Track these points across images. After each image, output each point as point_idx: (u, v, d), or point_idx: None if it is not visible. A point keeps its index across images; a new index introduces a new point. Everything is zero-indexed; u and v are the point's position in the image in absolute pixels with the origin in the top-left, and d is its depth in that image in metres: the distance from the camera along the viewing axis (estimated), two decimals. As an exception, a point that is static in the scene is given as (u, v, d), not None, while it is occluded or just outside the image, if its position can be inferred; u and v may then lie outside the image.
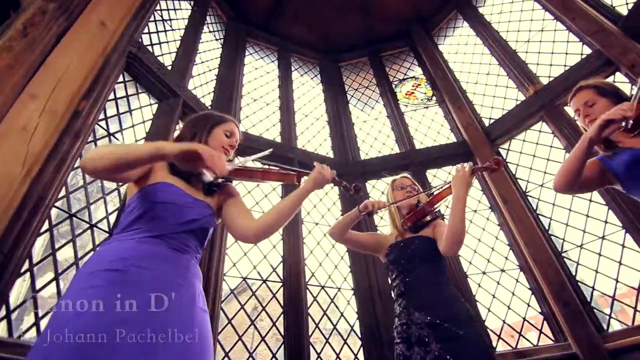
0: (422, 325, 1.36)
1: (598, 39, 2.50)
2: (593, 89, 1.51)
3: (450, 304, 1.41)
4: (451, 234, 1.43)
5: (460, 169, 1.52)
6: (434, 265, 1.52)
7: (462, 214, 1.44)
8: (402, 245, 1.60)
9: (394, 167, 3.25)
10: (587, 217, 2.38)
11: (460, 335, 1.29)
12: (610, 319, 2.15)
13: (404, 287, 1.50)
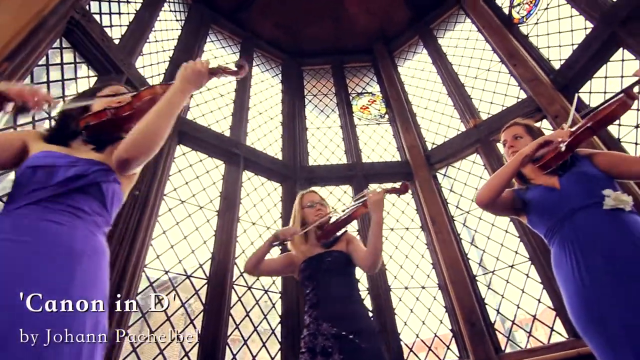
0: (328, 336, 1.41)
1: (532, 87, 2.76)
2: (524, 126, 1.70)
3: (358, 318, 1.47)
4: (373, 256, 1.52)
5: (374, 192, 1.59)
6: (347, 279, 1.60)
7: (380, 237, 1.53)
8: (316, 260, 1.65)
9: (339, 176, 3.32)
10: (502, 246, 2.61)
11: (362, 349, 1.36)
12: (508, 341, 2.36)
13: (317, 299, 1.55)
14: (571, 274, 1.36)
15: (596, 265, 1.29)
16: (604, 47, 2.41)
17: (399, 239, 2.97)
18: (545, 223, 1.50)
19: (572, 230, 1.39)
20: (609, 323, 1.22)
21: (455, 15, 3.99)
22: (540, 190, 1.53)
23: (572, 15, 2.72)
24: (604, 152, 1.52)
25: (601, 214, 1.35)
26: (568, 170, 1.51)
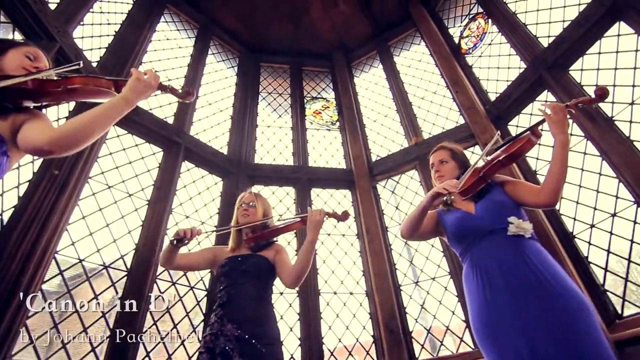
0: (231, 338, 1.40)
1: (469, 114, 2.97)
2: (449, 151, 1.82)
3: (264, 322, 1.48)
4: (298, 273, 1.54)
5: (315, 213, 1.62)
6: (263, 284, 1.60)
7: (311, 256, 1.55)
8: (238, 260, 1.64)
9: (283, 177, 3.32)
10: (427, 259, 2.77)
11: (262, 353, 1.37)
12: (422, 349, 2.51)
13: (227, 298, 1.53)
14: (476, 291, 1.49)
15: (498, 287, 1.41)
16: (532, 87, 2.66)
17: (335, 245, 3.03)
18: (460, 244, 1.63)
19: (480, 252, 1.52)
20: (501, 340, 1.35)
21: (412, 37, 4.19)
22: (458, 215, 1.66)
23: (510, 55, 2.98)
24: (515, 182, 1.67)
25: (505, 239, 1.49)
26: (483, 197, 1.66)
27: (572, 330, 1.23)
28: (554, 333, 1.23)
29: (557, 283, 1.34)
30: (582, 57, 2.44)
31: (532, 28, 2.83)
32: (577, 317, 1.26)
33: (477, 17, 3.46)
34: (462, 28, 3.63)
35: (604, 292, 2.09)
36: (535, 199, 1.56)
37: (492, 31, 3.22)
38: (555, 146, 1.47)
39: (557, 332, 1.23)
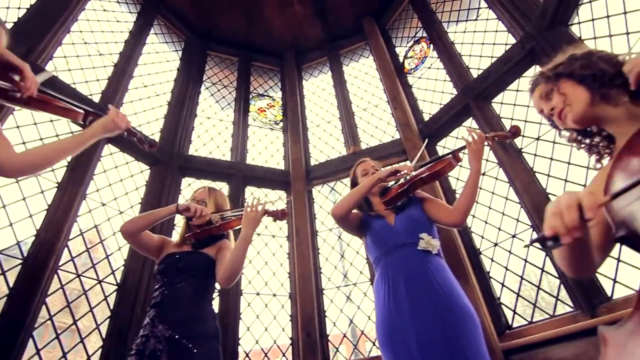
0: (161, 339, 1.33)
1: (403, 131, 3.14)
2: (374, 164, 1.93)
3: (199, 322, 1.43)
4: (229, 271, 1.48)
5: (252, 208, 1.59)
6: (202, 283, 1.54)
7: (244, 252, 1.51)
8: (176, 257, 1.57)
9: (218, 172, 3.22)
10: (351, 264, 2.86)
11: (193, 354, 1.32)
12: (337, 352, 2.58)
13: (161, 298, 1.46)
14: (382, 299, 1.57)
15: (401, 296, 1.51)
16: (460, 113, 2.89)
17: (264, 245, 3.00)
18: (376, 251, 1.72)
19: (391, 262, 1.61)
20: (398, 346, 1.44)
21: (362, 49, 4.32)
22: (380, 223, 1.75)
23: (445, 80, 3.21)
24: (432, 200, 1.80)
25: (415, 252, 1.60)
26: (403, 210, 1.77)
27: (460, 340, 1.36)
28: (444, 342, 1.34)
29: (453, 298, 1.47)
30: (503, 92, 2.71)
31: (466, 59, 3.08)
32: (465, 330, 1.39)
33: (421, 40, 3.68)
34: (407, 48, 3.83)
35: (499, 305, 2.32)
36: (446, 218, 1.69)
37: (433, 56, 3.44)
38: (470, 172, 1.61)
39: (447, 341, 1.35)
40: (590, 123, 0.90)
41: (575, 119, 0.88)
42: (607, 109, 0.84)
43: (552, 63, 0.98)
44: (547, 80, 0.95)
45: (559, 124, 0.94)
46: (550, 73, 0.95)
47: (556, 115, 0.92)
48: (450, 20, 3.39)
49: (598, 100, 0.85)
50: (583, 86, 0.87)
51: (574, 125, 0.90)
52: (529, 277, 2.32)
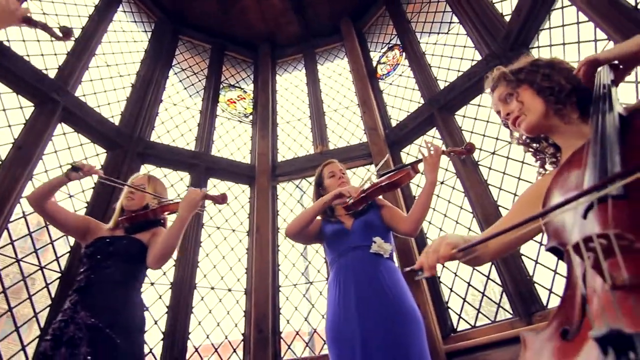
0: (82, 326, 1.27)
1: (370, 135, 3.20)
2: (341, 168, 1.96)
3: (124, 310, 1.37)
4: (160, 253, 1.44)
5: (193, 191, 1.56)
6: (132, 269, 1.48)
7: (178, 233, 1.47)
8: (107, 241, 1.50)
9: (180, 161, 3.12)
10: (310, 263, 2.88)
11: (116, 344, 1.27)
12: (288, 349, 2.59)
13: (85, 282, 1.39)
14: (333, 299, 1.61)
15: (350, 297, 1.55)
16: (425, 122, 2.99)
17: (222, 239, 2.95)
18: (332, 254, 1.76)
19: (344, 264, 1.65)
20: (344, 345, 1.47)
21: (338, 50, 4.35)
22: (337, 227, 1.80)
23: (414, 89, 3.30)
24: (390, 208, 1.86)
25: (367, 255, 1.65)
26: (362, 215, 1.82)
27: (403, 343, 1.41)
28: (387, 345, 1.39)
29: (401, 301, 1.52)
30: (466, 106, 2.82)
31: (435, 70, 3.18)
32: (410, 332, 1.45)
33: (395, 47, 3.76)
34: (381, 54, 3.90)
35: (446, 309, 2.43)
36: (399, 226, 1.76)
37: (404, 64, 3.52)
38: (425, 183, 1.67)
39: (391, 342, 1.40)
40: (541, 132, 0.94)
41: (527, 129, 0.92)
42: (558, 122, 0.89)
43: (516, 64, 1.00)
44: (508, 84, 0.97)
45: (512, 129, 0.99)
46: (512, 77, 0.97)
47: (511, 120, 0.95)
48: (423, 31, 3.49)
49: (552, 114, 0.88)
50: (540, 98, 0.90)
51: (525, 134, 0.95)
52: (475, 283, 2.44)
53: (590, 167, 0.58)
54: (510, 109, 0.95)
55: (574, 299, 0.49)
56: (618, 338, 0.29)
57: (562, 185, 0.68)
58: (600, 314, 0.39)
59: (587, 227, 0.50)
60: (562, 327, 0.48)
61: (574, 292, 0.51)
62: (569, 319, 0.48)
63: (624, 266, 0.38)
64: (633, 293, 0.37)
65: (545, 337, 0.50)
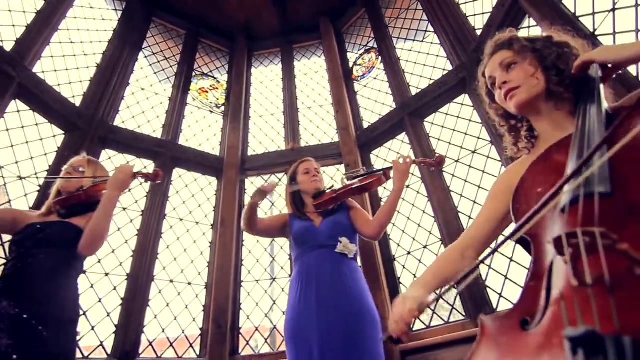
0: (4, 317, 1.18)
1: (342, 135, 3.22)
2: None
3: (54, 301, 1.27)
4: (90, 237, 1.36)
5: (122, 169, 1.48)
6: (66, 257, 1.36)
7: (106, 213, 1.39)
8: (37, 228, 1.39)
9: (144, 148, 3.01)
10: (274, 259, 2.87)
11: (42, 337, 1.18)
12: (247, 345, 2.57)
13: (12, 270, 1.28)
14: (294, 296, 1.62)
15: (311, 294, 1.56)
16: (395, 126, 3.05)
17: (185, 231, 2.88)
18: (297, 250, 1.77)
19: (308, 261, 1.66)
20: (301, 341, 1.48)
21: (315, 48, 4.34)
22: (305, 224, 1.81)
23: (387, 93, 3.36)
24: (358, 210, 1.90)
25: (332, 254, 1.67)
26: (332, 215, 1.84)
27: (360, 341, 1.44)
28: (344, 342, 1.42)
29: (361, 301, 1.55)
30: (435, 113, 2.91)
31: (408, 76, 3.25)
32: (366, 332, 1.48)
33: (372, 50, 3.80)
34: (357, 56, 3.94)
35: (404, 309, 2.49)
36: (364, 229, 1.79)
37: (379, 68, 3.57)
38: (392, 190, 1.71)
39: (347, 341, 1.42)
40: (528, 112, 0.87)
41: (519, 104, 0.84)
42: (549, 107, 0.83)
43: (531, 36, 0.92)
44: (518, 50, 0.87)
45: (498, 99, 0.90)
46: (526, 43, 0.87)
47: (504, 90, 0.85)
48: (400, 36, 3.55)
49: (547, 96, 0.82)
50: (545, 76, 0.82)
51: (513, 110, 0.86)
52: (433, 285, 2.53)
53: (572, 162, 0.57)
54: (510, 78, 0.85)
55: (538, 291, 0.49)
56: (591, 339, 0.28)
57: (542, 176, 0.66)
58: (575, 312, 0.37)
59: (569, 221, 0.49)
60: (522, 317, 0.47)
61: (538, 284, 0.50)
62: (530, 309, 0.48)
63: (606, 265, 0.37)
64: (611, 293, 0.36)
65: (504, 325, 0.49)
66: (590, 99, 0.69)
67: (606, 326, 0.33)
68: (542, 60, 0.83)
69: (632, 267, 0.36)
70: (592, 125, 0.61)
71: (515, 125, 0.94)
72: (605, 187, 0.48)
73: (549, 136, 0.82)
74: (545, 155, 0.68)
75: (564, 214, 0.51)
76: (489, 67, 0.93)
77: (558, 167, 0.61)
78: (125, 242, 2.55)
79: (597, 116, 0.63)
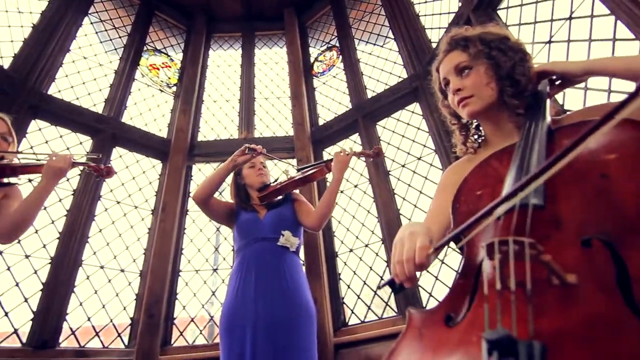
0: None
1: (296, 130, 3.22)
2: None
3: None
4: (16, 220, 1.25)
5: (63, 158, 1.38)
6: None
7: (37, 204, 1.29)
8: None
9: (82, 123, 2.77)
10: (216, 250, 2.81)
11: None
12: (180, 336, 2.50)
13: None
14: (233, 286, 1.61)
15: (249, 285, 1.56)
16: (349, 126, 3.12)
17: (122, 215, 2.71)
18: (239, 242, 1.75)
19: (249, 253, 1.66)
20: (235, 332, 1.48)
21: (278, 38, 4.27)
22: (249, 216, 1.80)
23: (345, 92, 3.41)
24: (302, 202, 1.92)
25: (274, 247, 1.68)
26: (276, 207, 1.85)
27: (292, 334, 1.47)
28: (277, 334, 1.43)
29: (298, 295, 1.58)
30: (388, 118, 3.01)
31: (365, 78, 3.33)
32: (300, 324, 1.51)
33: (333, 48, 3.83)
34: (319, 52, 3.95)
35: (342, 304, 2.58)
36: (305, 220, 1.82)
37: (339, 66, 3.62)
38: (332, 181, 1.75)
39: (280, 334, 1.44)
40: (479, 119, 0.89)
41: (471, 114, 0.84)
42: (501, 115, 0.84)
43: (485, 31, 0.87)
44: (474, 55, 0.84)
45: (451, 104, 0.89)
46: (482, 47, 0.84)
47: (458, 98, 0.84)
48: (361, 38, 3.62)
49: (500, 105, 0.82)
50: (499, 85, 0.81)
51: (465, 117, 0.86)
52: (370, 282, 2.64)
53: (513, 171, 0.59)
54: (464, 85, 0.83)
55: (465, 289, 0.51)
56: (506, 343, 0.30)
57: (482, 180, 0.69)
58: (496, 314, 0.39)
59: (503, 228, 0.51)
60: (447, 312, 0.50)
61: (466, 284, 0.52)
62: (455, 306, 0.50)
63: (529, 274, 0.39)
64: (530, 300, 0.38)
65: (429, 319, 0.51)
66: (537, 112, 0.72)
67: (522, 331, 0.35)
68: (497, 70, 0.81)
69: (551, 277, 0.39)
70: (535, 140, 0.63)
71: (465, 124, 0.95)
72: (539, 200, 0.51)
73: (495, 141, 0.85)
74: (488, 161, 0.70)
75: (499, 221, 0.53)
76: (443, 67, 0.90)
77: (498, 174, 0.64)
78: (52, 222, 2.35)
79: (540, 131, 0.65)
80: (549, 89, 0.79)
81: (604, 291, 0.36)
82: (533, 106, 0.75)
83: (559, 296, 0.38)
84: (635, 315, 0.33)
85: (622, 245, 0.40)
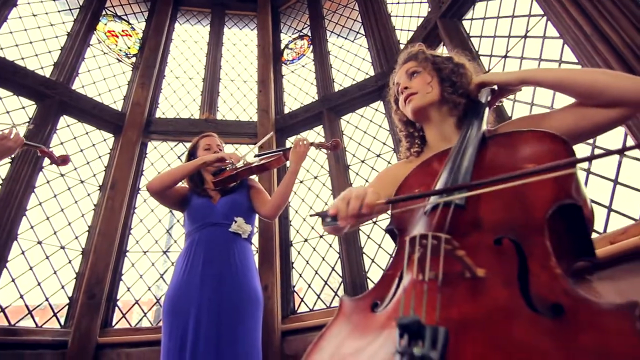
0: None
1: (261, 116, 3.19)
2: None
3: None
4: None
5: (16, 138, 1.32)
6: None
7: None
8: None
9: (27, 87, 2.55)
10: (168, 232, 2.73)
11: None
12: (122, 317, 2.42)
13: None
14: (180, 269, 1.58)
15: (197, 270, 1.54)
16: (314, 118, 3.13)
17: (65, 189, 2.54)
18: (190, 226, 1.72)
19: (199, 238, 1.64)
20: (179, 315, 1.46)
21: (249, 20, 4.16)
22: (202, 201, 1.76)
23: (312, 83, 3.41)
24: (258, 190, 1.90)
25: (225, 233, 1.66)
26: (231, 193, 1.82)
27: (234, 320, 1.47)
28: (220, 319, 1.43)
29: (245, 281, 1.59)
30: (352, 113, 3.06)
31: (334, 72, 3.35)
32: (244, 309, 1.52)
33: (305, 38, 3.81)
34: (290, 39, 3.90)
35: (292, 292, 2.62)
36: (260, 209, 1.82)
37: (309, 56, 3.60)
38: (288, 172, 1.76)
39: (223, 319, 1.44)
40: (422, 119, 1.00)
41: (414, 108, 0.96)
42: (441, 117, 0.95)
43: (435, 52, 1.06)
44: (421, 61, 1.00)
45: (400, 105, 1.03)
46: (429, 56, 1.01)
47: (405, 94, 0.97)
48: (333, 31, 3.62)
49: (441, 106, 0.95)
50: (440, 87, 0.95)
51: (410, 114, 0.99)
52: (321, 272, 2.70)
53: (445, 171, 0.65)
54: (410, 85, 0.98)
55: (393, 279, 0.55)
56: (416, 327, 0.33)
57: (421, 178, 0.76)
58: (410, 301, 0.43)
59: (427, 224, 0.56)
60: (374, 300, 0.53)
61: (394, 273, 0.56)
62: (382, 294, 0.53)
63: (442, 267, 0.43)
64: (440, 290, 0.42)
65: (358, 306, 0.55)
66: (475, 119, 0.79)
67: (430, 317, 0.39)
68: (438, 72, 0.97)
69: (464, 271, 0.43)
70: (469, 145, 0.69)
71: (412, 133, 1.07)
72: (461, 200, 0.56)
73: (435, 145, 0.95)
74: (428, 162, 0.79)
75: (426, 216, 0.59)
76: (397, 75, 1.06)
77: (434, 174, 0.71)
78: (-17, 191, 2.16)
79: (475, 137, 0.72)
80: (490, 98, 0.88)
81: (506, 284, 0.41)
82: (473, 114, 0.83)
83: (469, 288, 0.42)
84: (528, 306, 0.38)
85: (527, 244, 0.46)
